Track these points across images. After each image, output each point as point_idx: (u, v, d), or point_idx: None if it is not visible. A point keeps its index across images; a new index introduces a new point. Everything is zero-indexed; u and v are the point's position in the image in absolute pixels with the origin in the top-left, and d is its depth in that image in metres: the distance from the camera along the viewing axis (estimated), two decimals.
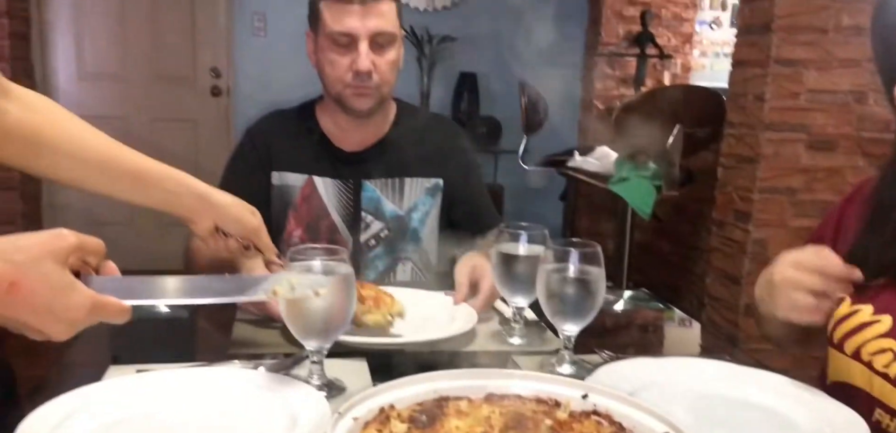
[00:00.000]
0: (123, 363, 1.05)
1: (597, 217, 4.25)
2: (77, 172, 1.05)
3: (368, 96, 1.53)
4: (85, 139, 1.05)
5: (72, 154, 1.04)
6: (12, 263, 0.69)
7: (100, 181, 1.07)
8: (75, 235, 0.74)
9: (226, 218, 1.14)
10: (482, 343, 1.23)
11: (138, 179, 1.09)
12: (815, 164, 2.89)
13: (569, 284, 1.05)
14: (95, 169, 1.06)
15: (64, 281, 0.72)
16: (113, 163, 1.07)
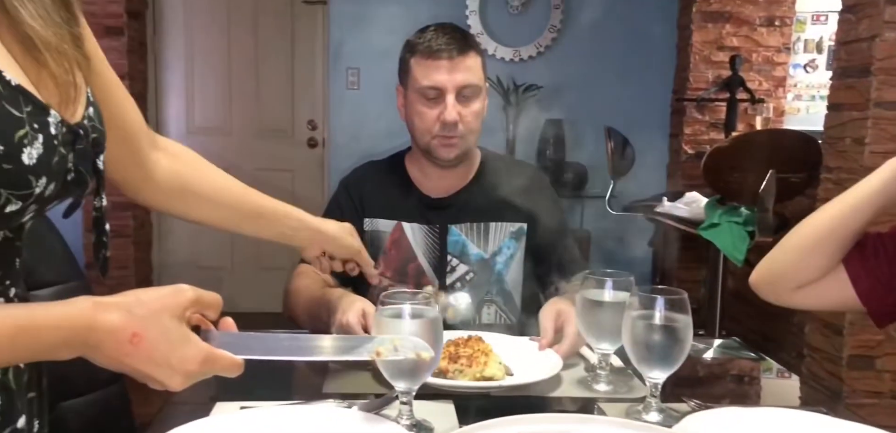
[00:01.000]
0: (225, 400, 1.12)
1: (687, 263, 4.14)
2: (214, 213, 1.16)
3: (454, 146, 1.60)
4: (220, 183, 1.16)
5: (210, 197, 1.15)
6: (135, 317, 0.73)
7: (232, 220, 1.19)
8: (193, 290, 0.78)
9: (333, 244, 1.33)
10: (567, 389, 1.23)
11: (263, 217, 1.23)
12: None
13: (655, 331, 1.05)
14: (228, 209, 1.17)
15: (180, 334, 0.76)
16: (243, 204, 1.20)
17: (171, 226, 4.75)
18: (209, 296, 0.80)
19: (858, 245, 1.20)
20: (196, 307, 0.78)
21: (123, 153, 0.99)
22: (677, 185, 4.14)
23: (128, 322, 0.72)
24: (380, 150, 1.78)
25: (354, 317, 1.31)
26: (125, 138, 0.99)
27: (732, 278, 3.64)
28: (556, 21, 4.57)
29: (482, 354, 1.24)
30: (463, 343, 1.27)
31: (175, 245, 4.77)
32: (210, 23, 4.52)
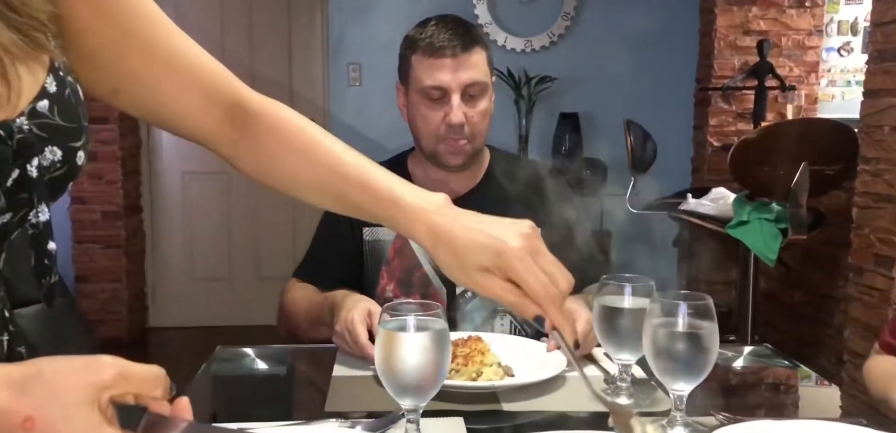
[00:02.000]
0: (222, 421, 1.12)
1: (716, 265, 4.12)
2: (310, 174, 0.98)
3: (462, 151, 1.60)
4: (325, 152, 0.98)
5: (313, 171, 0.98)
6: (30, 397, 0.61)
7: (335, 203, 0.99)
8: (116, 366, 0.63)
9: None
10: (586, 403, 1.22)
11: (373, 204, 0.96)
12: None
13: (678, 339, 1.04)
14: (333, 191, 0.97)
15: (89, 423, 0.61)
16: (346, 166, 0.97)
17: (164, 235, 4.77)
18: (141, 373, 0.65)
19: None
20: (121, 386, 0.63)
21: (207, 113, 0.95)
22: (703, 180, 4.12)
23: (19, 403, 0.60)
24: (384, 150, 1.78)
25: (359, 315, 1.32)
26: (211, 92, 0.95)
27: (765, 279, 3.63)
28: (569, 8, 4.56)
29: (479, 354, 1.25)
30: (462, 343, 1.29)
31: (169, 255, 4.79)
32: (202, 18, 4.54)
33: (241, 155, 0.98)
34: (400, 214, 0.91)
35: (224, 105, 0.96)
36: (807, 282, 3.68)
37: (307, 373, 1.46)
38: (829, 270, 3.47)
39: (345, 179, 0.95)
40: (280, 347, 1.52)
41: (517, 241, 0.81)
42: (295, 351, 1.52)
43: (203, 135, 0.97)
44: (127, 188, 4.41)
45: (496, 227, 0.85)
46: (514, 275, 0.81)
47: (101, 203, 4.30)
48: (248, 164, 0.99)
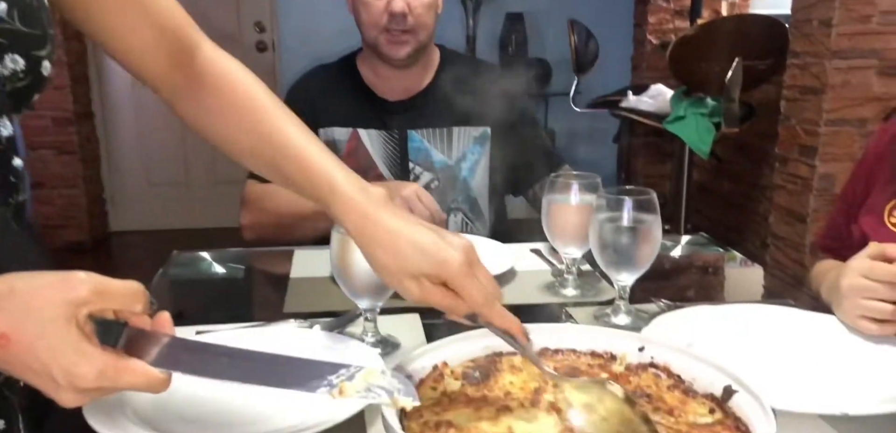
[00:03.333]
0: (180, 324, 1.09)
1: (653, 159, 4.17)
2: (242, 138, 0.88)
3: (405, 43, 1.53)
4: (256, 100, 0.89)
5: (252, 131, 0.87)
6: (4, 313, 0.57)
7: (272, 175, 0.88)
8: (92, 282, 0.59)
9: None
10: (535, 295, 1.23)
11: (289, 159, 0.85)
12: (887, 91, 2.75)
13: (623, 233, 1.04)
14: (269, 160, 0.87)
15: (66, 339, 0.58)
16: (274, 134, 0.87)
17: (119, 141, 4.60)
18: (118, 288, 0.60)
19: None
20: (97, 303, 0.59)
21: (158, 52, 0.86)
22: (642, 78, 4.12)
23: None
24: (336, 52, 1.70)
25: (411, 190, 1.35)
26: (160, 34, 0.86)
27: (698, 171, 3.68)
28: None
29: None
30: None
31: (124, 161, 4.64)
32: None
33: (182, 104, 0.91)
34: (335, 201, 0.79)
35: (173, 49, 0.88)
36: (736, 173, 3.76)
37: (265, 275, 1.43)
38: (757, 161, 3.54)
39: (283, 154, 0.85)
40: (237, 250, 1.48)
41: (461, 255, 0.73)
42: (252, 254, 1.48)
43: (148, 75, 0.89)
44: (77, 94, 4.22)
45: (439, 237, 0.75)
46: (456, 286, 0.73)
47: (51, 109, 4.11)
48: (188, 115, 0.91)
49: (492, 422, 0.68)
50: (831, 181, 2.81)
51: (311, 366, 0.66)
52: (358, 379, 0.63)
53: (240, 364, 0.65)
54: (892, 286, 0.91)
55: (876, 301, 0.91)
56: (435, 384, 0.76)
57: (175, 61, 0.88)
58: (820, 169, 2.81)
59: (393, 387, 0.64)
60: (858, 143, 2.78)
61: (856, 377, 0.89)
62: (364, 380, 0.64)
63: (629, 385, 0.77)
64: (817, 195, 2.83)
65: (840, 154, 2.80)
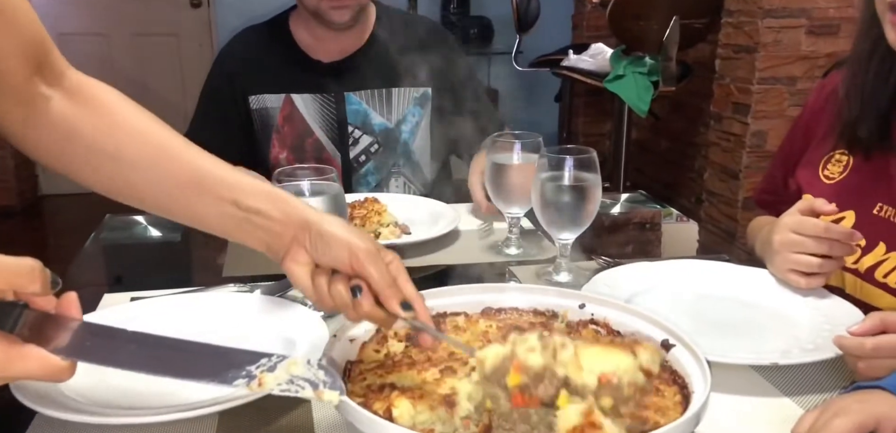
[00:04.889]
0: (115, 290, 1.05)
1: (593, 117, 4.21)
2: (129, 175, 0.78)
3: (347, 7, 1.48)
4: (142, 130, 0.78)
5: (123, 154, 0.77)
6: None
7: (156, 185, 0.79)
8: None
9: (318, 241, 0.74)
10: (478, 255, 1.23)
11: (205, 188, 0.78)
12: (815, 49, 2.84)
13: (564, 192, 1.05)
14: (151, 171, 0.78)
15: None
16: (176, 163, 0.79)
17: None
18: (12, 265, 0.54)
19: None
20: None
21: (17, 59, 0.73)
22: (583, 36, 4.14)
23: None
24: (274, 7, 1.63)
25: None
26: (22, 41, 0.73)
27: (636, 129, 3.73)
28: None
29: (375, 214, 1.23)
30: (358, 205, 1.27)
31: None
32: None
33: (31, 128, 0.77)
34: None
35: (36, 59, 0.75)
36: (673, 131, 3.83)
37: (203, 239, 1.38)
38: (693, 118, 3.61)
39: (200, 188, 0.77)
40: None
41: (369, 244, 0.72)
42: None
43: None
44: None
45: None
46: (363, 271, 0.70)
47: None
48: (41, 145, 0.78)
49: (436, 383, 0.68)
50: (763, 138, 2.90)
51: (228, 355, 0.61)
52: (280, 370, 0.59)
53: (152, 352, 0.60)
54: (820, 240, 0.94)
55: (804, 255, 0.94)
56: (378, 346, 0.76)
57: (10, 93, 0.75)
58: (752, 126, 2.89)
59: (318, 380, 0.60)
60: (788, 101, 2.87)
61: (785, 329, 0.92)
62: (286, 371, 0.59)
63: None
64: (750, 152, 2.91)
65: (771, 112, 2.88)
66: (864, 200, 0.99)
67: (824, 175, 1.06)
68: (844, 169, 1.04)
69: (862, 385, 0.69)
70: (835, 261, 0.95)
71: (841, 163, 1.05)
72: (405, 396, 0.64)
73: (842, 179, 1.03)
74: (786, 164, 1.20)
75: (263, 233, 0.76)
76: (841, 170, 1.04)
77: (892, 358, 0.74)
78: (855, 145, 1.02)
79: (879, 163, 0.99)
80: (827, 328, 0.87)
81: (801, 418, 0.69)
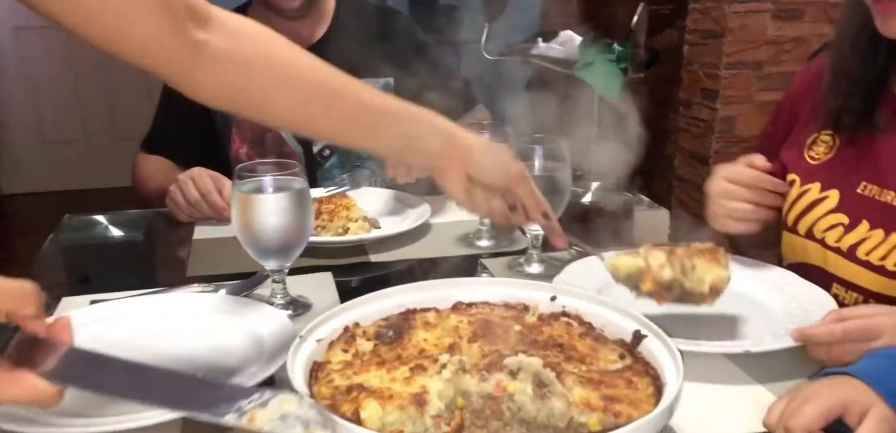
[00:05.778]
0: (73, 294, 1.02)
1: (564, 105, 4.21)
2: (297, 111, 0.82)
3: None
4: (304, 69, 0.82)
5: (289, 87, 0.81)
6: None
7: (324, 121, 0.83)
8: None
9: (480, 166, 0.88)
10: (449, 248, 1.21)
11: (371, 118, 0.85)
12: (781, 34, 2.86)
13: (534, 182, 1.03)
14: (319, 105, 0.82)
15: None
16: (340, 98, 0.83)
17: (5, 97, 4.28)
18: (9, 287, 0.54)
19: None
20: None
21: (155, 29, 0.71)
22: (553, 24, 4.13)
23: None
24: None
25: (209, 181, 1.24)
26: (152, 6, 0.71)
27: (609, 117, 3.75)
28: None
29: (344, 208, 1.21)
30: (326, 200, 1.24)
31: (14, 118, 4.32)
32: None
33: (201, 73, 0.76)
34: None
35: (176, 7, 0.73)
36: (643, 117, 3.85)
37: (167, 237, 1.35)
38: (662, 105, 3.63)
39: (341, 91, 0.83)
40: (136, 212, 1.39)
41: (519, 169, 0.90)
42: (153, 215, 1.40)
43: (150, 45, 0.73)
44: None
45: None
46: (515, 190, 0.89)
47: None
48: (212, 83, 0.78)
49: (405, 382, 0.66)
50: (731, 123, 2.92)
51: (220, 388, 0.59)
52: (272, 406, 0.57)
53: (143, 381, 0.58)
54: (753, 189, 1.01)
55: (736, 202, 1.00)
56: (346, 346, 0.74)
57: (172, 38, 0.74)
58: (721, 112, 2.91)
59: (309, 418, 0.57)
60: (756, 86, 2.89)
61: (758, 316, 0.92)
62: (279, 408, 0.57)
63: (542, 335, 0.76)
64: (719, 137, 2.93)
65: (739, 97, 2.90)
66: (848, 179, 1.00)
67: (810, 156, 1.07)
68: (829, 149, 1.05)
69: (831, 371, 0.69)
70: (766, 210, 1.02)
71: (826, 143, 1.06)
72: (374, 397, 0.63)
73: (827, 159, 1.04)
74: (769, 147, 1.20)
75: (426, 158, 0.88)
76: (826, 150, 1.06)
77: (860, 342, 0.74)
78: (840, 127, 1.03)
79: (864, 143, 1.00)
80: (798, 313, 0.87)
81: (772, 405, 0.69)
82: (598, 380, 0.67)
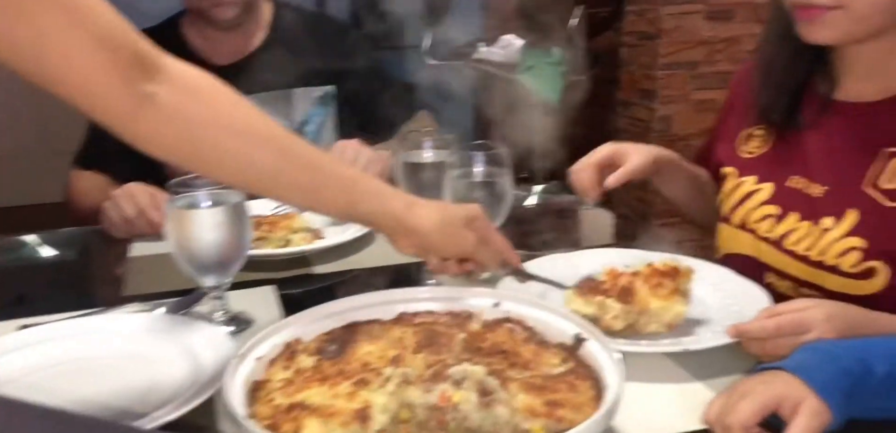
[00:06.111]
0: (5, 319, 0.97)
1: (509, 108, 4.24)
2: (245, 173, 0.79)
3: (232, 4, 1.41)
4: (257, 134, 0.79)
5: (240, 151, 0.78)
6: None
7: (272, 185, 0.81)
8: None
9: (433, 248, 0.89)
10: (395, 256, 1.20)
11: (324, 187, 0.83)
12: (714, 34, 2.94)
13: (476, 189, 1.04)
14: (270, 171, 0.79)
15: None
16: (293, 164, 0.81)
17: None
18: None
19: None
20: None
21: (96, 74, 0.68)
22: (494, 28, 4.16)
23: None
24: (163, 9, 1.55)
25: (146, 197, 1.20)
26: (97, 48, 0.68)
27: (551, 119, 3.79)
28: None
29: (285, 219, 1.19)
30: (258, 219, 1.21)
31: None
32: None
33: (144, 125, 0.74)
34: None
35: (124, 54, 0.71)
36: (585, 119, 3.90)
37: (102, 255, 1.31)
38: (603, 105, 3.69)
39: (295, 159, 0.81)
40: (70, 230, 1.34)
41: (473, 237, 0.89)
42: (86, 233, 1.35)
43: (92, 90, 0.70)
44: None
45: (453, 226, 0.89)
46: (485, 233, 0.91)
47: None
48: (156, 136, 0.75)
49: (348, 398, 0.65)
50: (669, 122, 2.98)
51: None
52: None
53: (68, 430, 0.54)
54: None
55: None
56: (288, 364, 0.72)
57: (116, 84, 0.71)
58: (659, 111, 2.98)
59: None
60: (691, 85, 2.96)
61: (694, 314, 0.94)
62: None
63: (486, 342, 0.76)
64: (657, 137, 2.99)
65: (676, 96, 2.97)
66: (780, 172, 1.04)
67: (745, 151, 1.10)
68: (763, 143, 1.08)
69: (765, 366, 0.71)
70: None
71: (760, 137, 1.09)
72: (315, 415, 0.61)
73: (761, 154, 1.08)
74: (712, 143, 1.23)
75: (374, 227, 0.92)
76: (760, 144, 1.09)
77: (793, 335, 0.76)
78: (770, 125, 1.06)
79: (793, 138, 1.03)
80: (735, 310, 0.89)
81: (711, 402, 0.70)
82: (541, 385, 0.67)
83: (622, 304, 0.85)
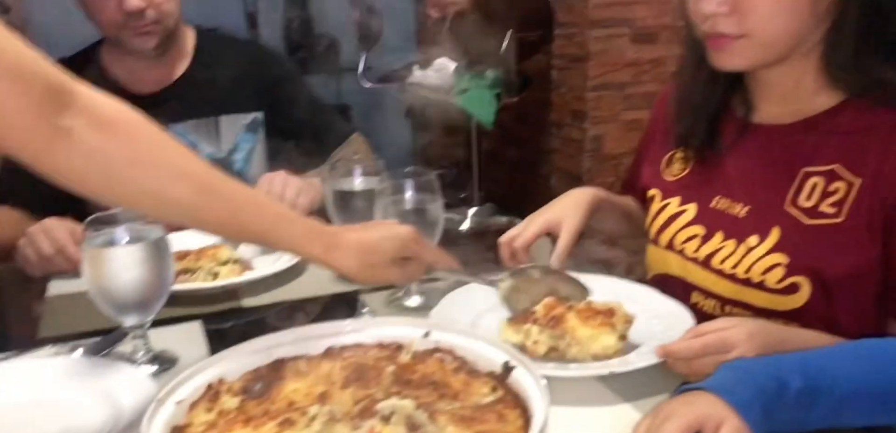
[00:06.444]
0: None
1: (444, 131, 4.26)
2: (165, 206, 0.78)
3: (152, 34, 1.37)
4: (177, 168, 0.79)
5: (159, 186, 0.77)
6: None
7: (190, 218, 0.81)
8: None
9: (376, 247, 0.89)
10: (327, 286, 1.18)
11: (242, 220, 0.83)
12: (640, 56, 3.02)
13: (407, 216, 1.03)
14: (189, 205, 0.79)
15: None
16: (212, 197, 0.80)
17: None
18: None
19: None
20: None
21: (7, 106, 0.67)
22: (428, 51, 4.18)
23: None
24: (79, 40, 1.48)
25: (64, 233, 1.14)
26: (8, 81, 0.66)
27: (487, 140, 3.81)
28: None
29: (211, 250, 1.15)
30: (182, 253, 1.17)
31: None
32: None
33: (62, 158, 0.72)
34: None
35: (36, 85, 0.69)
36: (520, 140, 3.95)
37: (17, 295, 1.25)
38: (537, 127, 3.74)
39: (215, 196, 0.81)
40: None
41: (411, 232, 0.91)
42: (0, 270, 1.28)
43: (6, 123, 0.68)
44: None
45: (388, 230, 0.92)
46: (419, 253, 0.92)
47: None
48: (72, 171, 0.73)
49: None
50: (600, 142, 3.05)
51: None
52: None
53: None
54: None
55: None
56: (210, 406, 0.70)
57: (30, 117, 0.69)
58: (590, 131, 3.04)
59: None
60: (621, 105, 3.03)
61: None
62: None
63: (416, 374, 0.75)
64: (589, 156, 3.05)
65: (606, 116, 3.04)
66: (703, 193, 1.06)
67: (669, 173, 1.12)
68: (685, 166, 1.10)
69: (688, 387, 0.72)
70: None
71: (682, 160, 1.11)
72: None
73: (684, 175, 1.10)
74: (639, 165, 1.25)
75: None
76: (682, 167, 1.11)
77: (717, 354, 0.78)
78: (689, 149, 1.08)
79: (714, 160, 1.06)
80: (660, 330, 0.90)
81: (637, 424, 0.71)
82: (471, 416, 0.67)
83: (549, 330, 0.85)
